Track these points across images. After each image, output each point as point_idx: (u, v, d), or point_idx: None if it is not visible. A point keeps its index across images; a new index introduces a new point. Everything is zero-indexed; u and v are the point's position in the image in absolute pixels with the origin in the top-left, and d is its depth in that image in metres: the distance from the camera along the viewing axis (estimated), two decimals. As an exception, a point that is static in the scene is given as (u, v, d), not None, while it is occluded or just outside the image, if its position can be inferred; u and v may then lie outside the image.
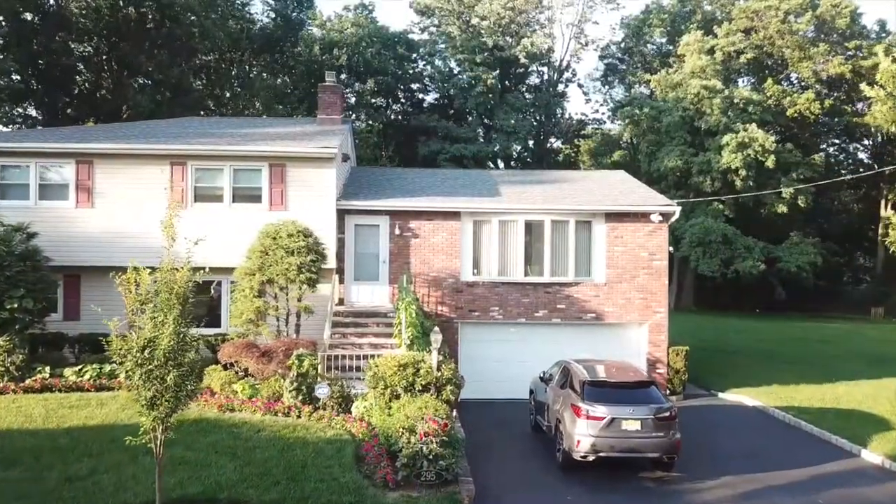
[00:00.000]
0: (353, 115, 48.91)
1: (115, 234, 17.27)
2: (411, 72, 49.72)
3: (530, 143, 51.39)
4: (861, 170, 52.88)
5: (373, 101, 48.15)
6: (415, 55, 49.81)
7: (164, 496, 8.77)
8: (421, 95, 51.86)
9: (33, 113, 37.41)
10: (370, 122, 48.79)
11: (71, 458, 10.71)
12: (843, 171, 52.83)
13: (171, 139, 18.38)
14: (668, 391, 18.34)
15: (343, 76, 45.61)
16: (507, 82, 50.94)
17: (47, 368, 14.96)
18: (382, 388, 13.04)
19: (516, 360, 18.69)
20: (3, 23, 33.41)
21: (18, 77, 34.77)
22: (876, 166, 49.81)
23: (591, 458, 11.96)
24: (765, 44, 48.22)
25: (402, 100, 51.12)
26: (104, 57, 36.90)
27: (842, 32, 47.89)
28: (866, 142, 55.45)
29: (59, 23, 33.67)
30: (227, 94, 44.14)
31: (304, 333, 16.51)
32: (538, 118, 52.10)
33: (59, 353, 16.54)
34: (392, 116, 50.88)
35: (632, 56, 55.86)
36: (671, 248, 19.68)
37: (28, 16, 34.08)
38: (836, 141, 56.16)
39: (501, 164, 50.70)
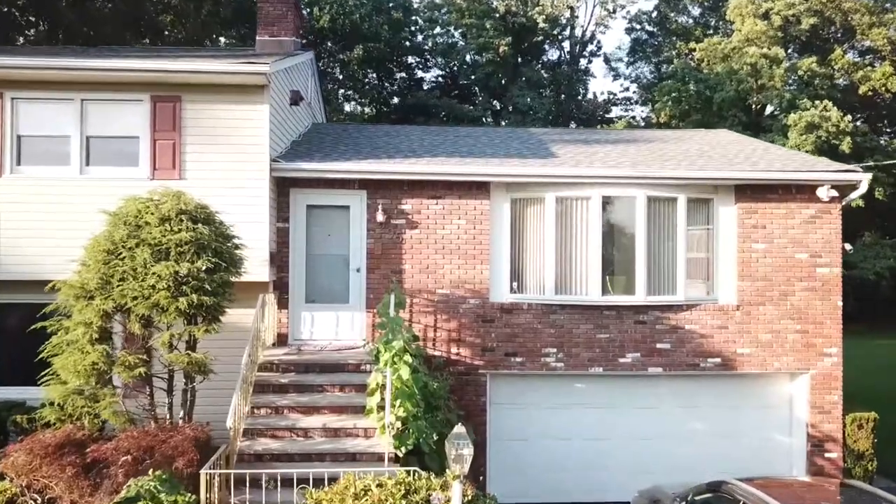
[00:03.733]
0: (341, 94, 41.26)
1: None
2: (408, 43, 42.00)
3: (549, 127, 43.61)
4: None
5: (361, 73, 40.29)
6: (413, 27, 42.16)
7: None
8: (420, 73, 44.14)
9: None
10: (359, 98, 41.05)
11: None
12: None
13: (-23, 52, 10.57)
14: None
15: (328, 45, 37.97)
16: (520, 58, 43.23)
17: None
18: None
19: (587, 439, 11.00)
20: None
21: None
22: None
23: None
24: (827, 8, 40.74)
25: (397, 76, 43.34)
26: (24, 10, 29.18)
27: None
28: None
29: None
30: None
31: (206, 408, 8.69)
32: (557, 97, 44.30)
33: None
34: (385, 95, 43.09)
35: (666, 26, 48.20)
36: (848, 247, 11.75)
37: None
38: (889, 130, 48.75)
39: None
